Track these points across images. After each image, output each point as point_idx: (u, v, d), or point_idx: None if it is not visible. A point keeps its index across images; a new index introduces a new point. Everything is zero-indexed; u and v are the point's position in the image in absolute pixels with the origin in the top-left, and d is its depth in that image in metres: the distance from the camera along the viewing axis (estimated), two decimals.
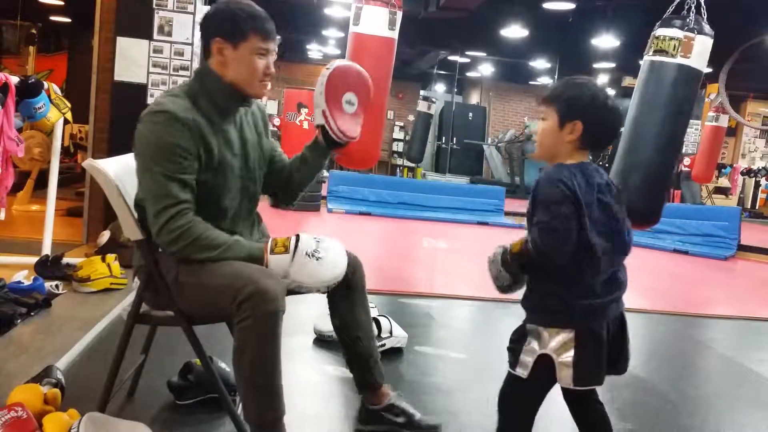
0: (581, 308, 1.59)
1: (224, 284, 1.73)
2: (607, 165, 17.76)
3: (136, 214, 1.88)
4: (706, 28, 3.54)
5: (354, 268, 2.04)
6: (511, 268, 1.61)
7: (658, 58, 3.58)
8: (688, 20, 3.50)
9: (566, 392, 1.71)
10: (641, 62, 3.71)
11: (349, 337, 2.08)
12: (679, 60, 3.52)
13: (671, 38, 3.51)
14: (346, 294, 2.04)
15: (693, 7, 3.55)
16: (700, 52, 3.52)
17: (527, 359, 1.61)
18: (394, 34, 4.23)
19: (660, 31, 3.58)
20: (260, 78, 1.89)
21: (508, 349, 1.68)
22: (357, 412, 2.16)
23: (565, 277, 1.59)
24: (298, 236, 1.84)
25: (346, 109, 2.02)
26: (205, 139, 1.81)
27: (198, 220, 1.77)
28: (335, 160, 8.36)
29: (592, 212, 1.57)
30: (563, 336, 1.58)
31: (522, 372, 1.61)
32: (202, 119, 1.81)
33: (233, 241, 1.81)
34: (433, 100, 14.02)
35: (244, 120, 1.98)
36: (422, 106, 13.42)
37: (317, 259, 1.82)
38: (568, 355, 1.56)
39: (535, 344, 1.61)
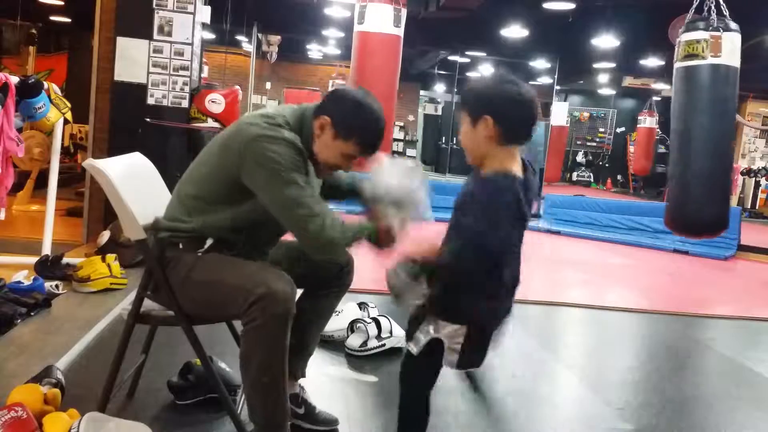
0: (483, 311, 1.64)
1: (237, 284, 1.76)
2: (607, 165, 17.79)
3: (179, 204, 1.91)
4: (732, 24, 3.50)
5: (350, 268, 2.14)
6: (421, 278, 1.58)
7: (689, 62, 3.51)
8: (711, 20, 3.46)
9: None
10: (673, 70, 3.67)
11: (304, 319, 2.08)
12: (711, 60, 3.46)
13: (698, 41, 3.46)
14: (333, 285, 2.13)
15: (713, 7, 3.52)
16: (730, 49, 3.46)
17: (420, 337, 1.65)
18: (400, 31, 4.23)
19: (686, 36, 3.52)
20: (331, 169, 1.94)
21: (409, 323, 1.72)
22: None
23: (473, 281, 1.61)
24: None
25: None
26: (307, 168, 1.85)
27: (332, 216, 1.79)
28: None
29: (516, 228, 1.61)
30: (456, 327, 1.62)
31: (413, 348, 1.67)
32: None
33: (357, 229, 1.83)
34: (439, 101, 14.01)
35: None
36: (429, 108, 13.40)
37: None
38: (457, 342, 1.62)
39: (430, 327, 1.65)
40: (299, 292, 1.94)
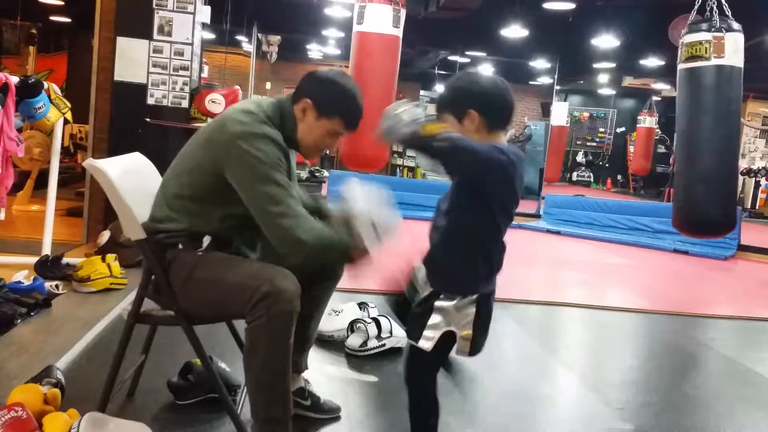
0: (484, 274, 1.69)
1: (241, 283, 1.77)
2: (607, 165, 17.78)
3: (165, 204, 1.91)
4: (734, 25, 3.50)
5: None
6: (412, 144, 1.62)
7: (692, 64, 3.51)
8: (713, 21, 3.46)
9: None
10: (677, 72, 3.68)
11: (303, 314, 2.07)
12: (714, 61, 3.46)
13: (701, 42, 3.46)
14: (324, 278, 2.15)
15: (715, 8, 3.52)
16: (733, 49, 3.47)
17: (431, 334, 1.69)
18: (399, 32, 4.24)
19: (688, 38, 3.52)
20: (320, 151, 2.00)
21: (411, 322, 1.75)
22: None
23: (475, 241, 1.68)
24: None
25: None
26: (288, 164, 1.89)
27: (308, 219, 1.79)
28: (340, 160, 8.34)
29: (513, 189, 1.65)
30: (466, 312, 1.67)
31: (426, 345, 1.69)
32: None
33: (338, 238, 1.82)
34: None
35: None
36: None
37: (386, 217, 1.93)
38: (468, 331, 1.69)
39: (439, 319, 1.69)
40: None
